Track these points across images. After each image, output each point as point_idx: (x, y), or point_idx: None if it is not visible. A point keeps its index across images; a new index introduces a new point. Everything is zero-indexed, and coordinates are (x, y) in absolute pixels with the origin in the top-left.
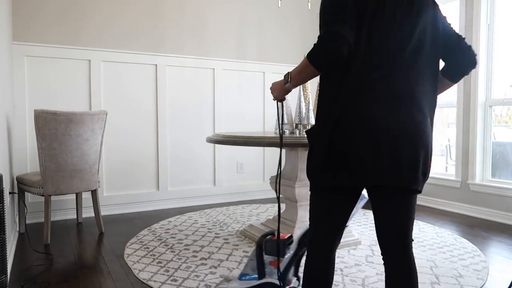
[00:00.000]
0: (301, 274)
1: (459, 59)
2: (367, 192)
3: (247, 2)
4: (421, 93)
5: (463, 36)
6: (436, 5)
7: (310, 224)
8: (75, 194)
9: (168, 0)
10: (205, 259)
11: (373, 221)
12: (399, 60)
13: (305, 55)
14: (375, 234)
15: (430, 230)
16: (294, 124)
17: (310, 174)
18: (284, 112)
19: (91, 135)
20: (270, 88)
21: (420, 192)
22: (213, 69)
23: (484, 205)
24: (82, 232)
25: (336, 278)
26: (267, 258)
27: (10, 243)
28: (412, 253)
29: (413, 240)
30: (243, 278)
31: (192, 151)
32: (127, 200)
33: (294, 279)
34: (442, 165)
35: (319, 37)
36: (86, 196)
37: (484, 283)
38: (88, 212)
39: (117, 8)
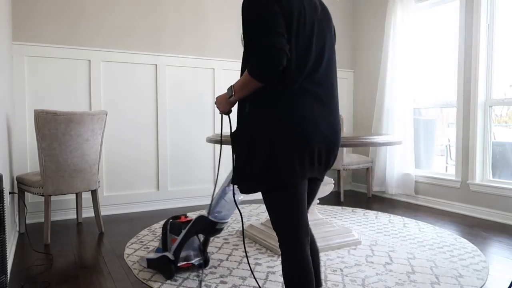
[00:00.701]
0: (211, 258)
1: None
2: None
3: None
4: (336, 98)
5: None
6: (331, 19)
7: (282, 227)
8: (75, 194)
9: (168, 0)
10: None
11: (368, 221)
12: (320, 69)
13: (247, 71)
14: (375, 234)
15: (430, 230)
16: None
17: (258, 179)
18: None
19: (91, 135)
20: (215, 103)
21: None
22: (213, 69)
23: (484, 205)
24: (82, 232)
25: (336, 278)
26: (170, 236)
27: (10, 243)
28: None
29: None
30: (157, 251)
31: (192, 151)
32: (127, 200)
33: (198, 258)
34: (442, 165)
35: (258, 53)
36: (86, 196)
37: (484, 283)
38: (88, 212)
39: (117, 8)
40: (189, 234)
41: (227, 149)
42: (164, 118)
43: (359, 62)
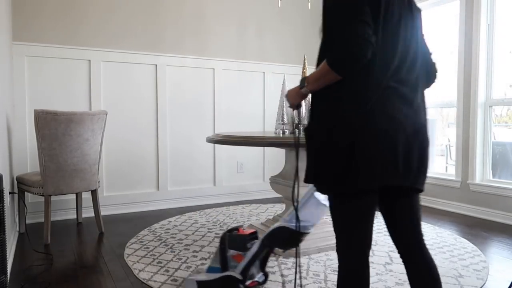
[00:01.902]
0: (270, 271)
1: (429, 69)
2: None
3: (247, 2)
4: (422, 97)
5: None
6: (420, 11)
7: (342, 237)
8: (75, 194)
9: (168, 0)
10: (205, 259)
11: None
12: (408, 64)
13: (325, 61)
14: (375, 234)
15: (430, 230)
16: (294, 124)
17: (334, 180)
18: (284, 112)
19: (91, 135)
20: (285, 96)
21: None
22: (213, 69)
23: (484, 205)
24: (82, 232)
25: (336, 278)
26: (230, 252)
27: (10, 243)
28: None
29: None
30: (210, 270)
31: (192, 151)
32: (127, 200)
33: (260, 274)
34: (442, 165)
35: (340, 42)
36: (86, 196)
37: (484, 283)
38: (88, 212)
39: (117, 8)
40: (263, 248)
41: (227, 149)
42: (164, 118)
43: None
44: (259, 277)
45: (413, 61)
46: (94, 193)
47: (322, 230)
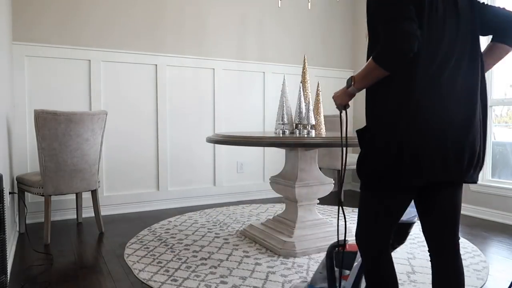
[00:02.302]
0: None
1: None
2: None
3: (247, 2)
4: (470, 88)
5: None
6: (471, 2)
7: (367, 229)
8: (75, 194)
9: (168, 0)
10: (205, 259)
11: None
12: (454, 55)
13: (371, 58)
14: None
15: None
16: (294, 124)
17: (377, 175)
18: (284, 112)
19: (91, 135)
20: (333, 97)
21: (474, 182)
22: (213, 69)
23: (484, 205)
24: (82, 232)
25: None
26: (336, 271)
27: (10, 243)
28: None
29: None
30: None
31: (192, 151)
32: (127, 200)
33: None
34: None
35: (387, 37)
36: (86, 196)
37: (484, 283)
38: (88, 212)
39: (117, 8)
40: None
41: (227, 149)
42: (164, 118)
43: (359, 62)
44: None
45: (461, 55)
46: (94, 193)
47: (322, 230)
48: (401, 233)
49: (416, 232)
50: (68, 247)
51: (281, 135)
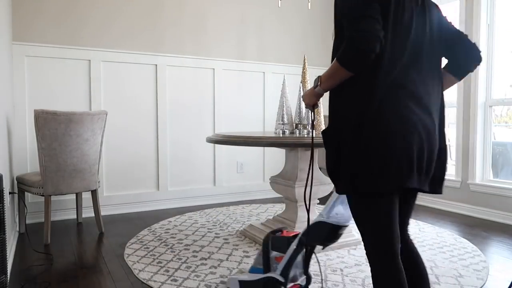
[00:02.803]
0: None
1: (464, 54)
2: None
3: (247, 2)
4: (432, 94)
5: (465, 34)
6: (437, 6)
7: (371, 237)
8: (75, 194)
9: (168, 0)
10: (205, 259)
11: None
12: (419, 59)
13: (336, 58)
14: None
15: (430, 230)
16: (294, 124)
17: (350, 180)
18: (284, 112)
19: (91, 135)
20: (302, 96)
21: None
22: (213, 69)
23: (484, 205)
24: (82, 232)
25: (336, 278)
26: (274, 254)
27: (10, 243)
28: None
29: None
30: (252, 271)
31: (192, 151)
32: (127, 200)
33: (303, 277)
34: None
35: (349, 38)
36: (86, 196)
37: (484, 283)
38: (88, 212)
39: (117, 8)
40: (301, 246)
41: (227, 149)
42: (164, 118)
43: None
44: (301, 280)
45: (428, 59)
46: (94, 193)
47: None
48: (333, 235)
49: (416, 232)
50: (68, 247)
51: (281, 135)
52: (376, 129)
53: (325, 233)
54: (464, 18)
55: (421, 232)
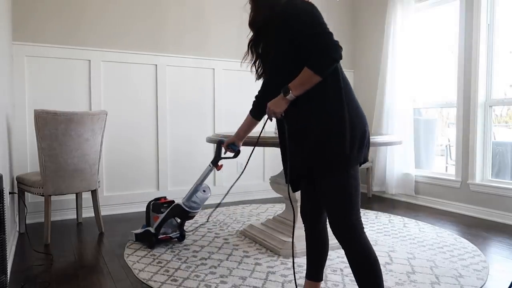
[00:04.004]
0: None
1: None
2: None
3: (247, 2)
4: None
5: None
6: None
7: (354, 204)
8: (75, 194)
9: (169, 0)
10: (205, 259)
11: (368, 221)
12: None
13: (308, 68)
14: (375, 234)
15: (430, 230)
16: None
17: (349, 157)
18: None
19: (91, 135)
20: (269, 107)
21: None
22: (213, 69)
23: (484, 205)
24: (82, 232)
25: (336, 278)
26: (152, 214)
27: (10, 243)
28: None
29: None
30: (143, 227)
31: (192, 151)
32: (127, 200)
33: (176, 233)
34: (442, 165)
35: (323, 48)
36: (86, 196)
37: (484, 283)
38: (88, 212)
39: (117, 8)
40: (167, 217)
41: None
42: (164, 118)
43: (359, 62)
44: (173, 234)
45: None
46: (94, 193)
47: None
48: (185, 216)
49: (416, 232)
50: (68, 247)
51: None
52: (352, 120)
53: (180, 213)
54: (464, 18)
55: (421, 232)
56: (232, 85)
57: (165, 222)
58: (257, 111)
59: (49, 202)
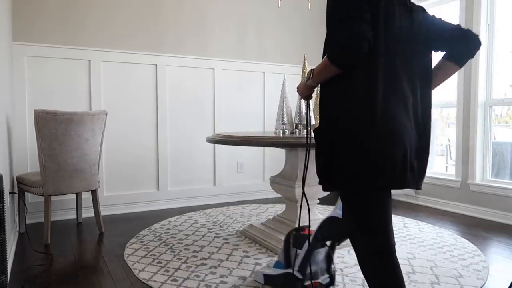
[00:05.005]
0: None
1: (465, 42)
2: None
3: (247, 1)
4: (415, 96)
5: (459, 24)
6: (424, 10)
7: (367, 229)
8: (75, 194)
9: (168, 0)
10: (205, 259)
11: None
12: (406, 63)
13: (326, 55)
14: None
15: (430, 230)
16: (294, 124)
17: (360, 176)
18: (284, 112)
19: (91, 135)
20: (297, 88)
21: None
22: (213, 69)
23: (484, 205)
24: (82, 232)
25: (336, 278)
26: (293, 250)
27: (10, 243)
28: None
29: None
30: (276, 266)
31: (192, 151)
32: (127, 200)
33: (325, 276)
34: (442, 165)
35: (339, 37)
36: (86, 196)
37: (484, 283)
38: (88, 212)
39: (117, 8)
40: (317, 242)
41: (227, 149)
42: (164, 118)
43: None
44: (323, 278)
45: (415, 62)
46: (94, 193)
47: None
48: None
49: (416, 232)
50: (68, 247)
51: (281, 135)
52: (374, 130)
53: (337, 228)
54: (464, 18)
55: (421, 232)
56: (232, 85)
57: (311, 256)
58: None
59: (49, 202)
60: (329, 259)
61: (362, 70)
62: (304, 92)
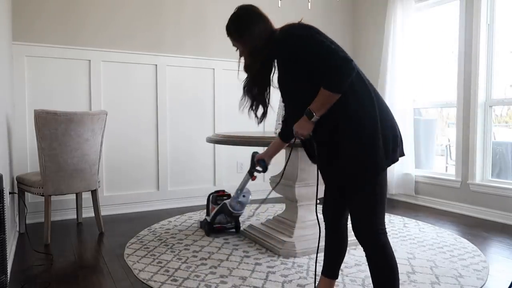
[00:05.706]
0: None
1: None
2: None
3: (247, 2)
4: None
5: None
6: None
7: (378, 213)
8: (75, 194)
9: (168, 0)
10: (205, 259)
11: None
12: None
13: (324, 89)
14: None
15: (430, 230)
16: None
17: (382, 166)
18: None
19: (91, 135)
20: (297, 130)
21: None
22: (213, 69)
23: (484, 205)
24: (82, 232)
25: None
26: (211, 205)
27: (10, 243)
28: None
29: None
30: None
31: (192, 151)
32: (127, 200)
33: (230, 224)
34: (442, 165)
35: (336, 67)
36: (86, 196)
37: (484, 283)
38: (88, 212)
39: (117, 8)
40: (218, 212)
41: (227, 149)
42: (164, 118)
43: (359, 62)
44: (228, 225)
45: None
46: (94, 193)
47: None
48: (229, 215)
49: (416, 232)
50: (68, 247)
51: None
52: (385, 121)
53: (226, 212)
54: (464, 18)
55: (421, 232)
56: (232, 85)
57: (218, 215)
58: (285, 135)
59: (49, 202)
60: (229, 215)
61: (355, 82)
62: (311, 129)
